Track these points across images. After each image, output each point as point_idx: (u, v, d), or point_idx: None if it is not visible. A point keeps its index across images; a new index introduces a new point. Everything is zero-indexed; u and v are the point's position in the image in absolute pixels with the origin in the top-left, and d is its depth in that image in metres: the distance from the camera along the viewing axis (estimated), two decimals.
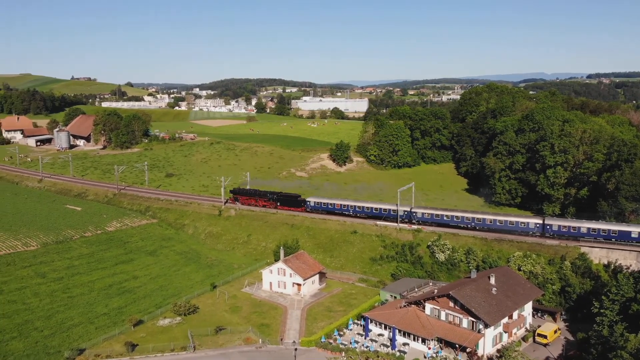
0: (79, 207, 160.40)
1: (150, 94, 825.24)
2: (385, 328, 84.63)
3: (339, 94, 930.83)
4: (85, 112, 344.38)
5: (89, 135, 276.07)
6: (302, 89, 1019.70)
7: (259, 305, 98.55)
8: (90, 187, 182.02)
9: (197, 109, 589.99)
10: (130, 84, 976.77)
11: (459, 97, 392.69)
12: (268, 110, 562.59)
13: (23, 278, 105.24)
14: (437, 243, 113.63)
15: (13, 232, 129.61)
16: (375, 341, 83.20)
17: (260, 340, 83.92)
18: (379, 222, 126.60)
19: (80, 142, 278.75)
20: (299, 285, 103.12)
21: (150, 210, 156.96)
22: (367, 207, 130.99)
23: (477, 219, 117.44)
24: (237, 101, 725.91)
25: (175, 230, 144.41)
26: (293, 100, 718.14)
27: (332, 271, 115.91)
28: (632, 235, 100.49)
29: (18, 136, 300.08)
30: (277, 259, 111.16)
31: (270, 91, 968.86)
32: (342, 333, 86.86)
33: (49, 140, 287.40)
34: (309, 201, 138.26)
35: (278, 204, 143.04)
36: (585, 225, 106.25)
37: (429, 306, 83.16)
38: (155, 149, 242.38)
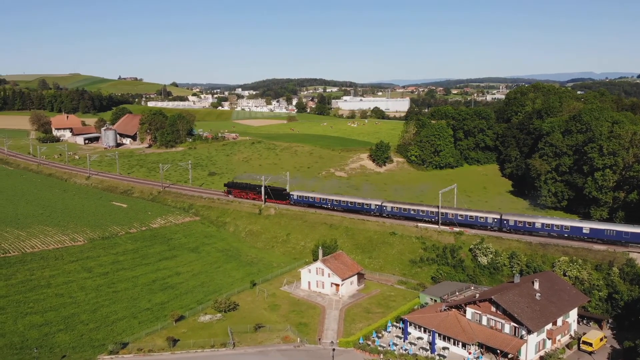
0: (124, 204, 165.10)
1: (194, 94, 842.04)
2: (424, 331, 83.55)
3: (379, 93, 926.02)
4: (132, 111, 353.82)
5: (135, 134, 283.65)
6: (343, 88, 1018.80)
7: (297, 304, 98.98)
8: (135, 184, 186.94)
9: (239, 108, 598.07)
10: (175, 84, 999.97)
11: (503, 96, 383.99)
12: (308, 110, 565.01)
13: (70, 272, 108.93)
14: (479, 246, 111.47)
15: (61, 228, 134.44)
16: (414, 344, 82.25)
17: (298, 339, 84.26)
18: (419, 224, 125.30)
19: (127, 141, 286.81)
20: (337, 285, 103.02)
21: (193, 208, 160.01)
22: (344, 201, 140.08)
23: (441, 213, 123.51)
24: (278, 101, 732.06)
25: (216, 228, 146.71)
26: (333, 100, 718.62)
27: (370, 272, 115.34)
28: (584, 231, 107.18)
29: (67, 134, 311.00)
30: (315, 259, 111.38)
31: (311, 91, 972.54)
32: (380, 335, 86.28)
33: (96, 139, 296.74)
34: (293, 194, 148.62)
35: (266, 197, 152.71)
36: (540, 220, 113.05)
37: (470, 310, 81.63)
38: (199, 148, 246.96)
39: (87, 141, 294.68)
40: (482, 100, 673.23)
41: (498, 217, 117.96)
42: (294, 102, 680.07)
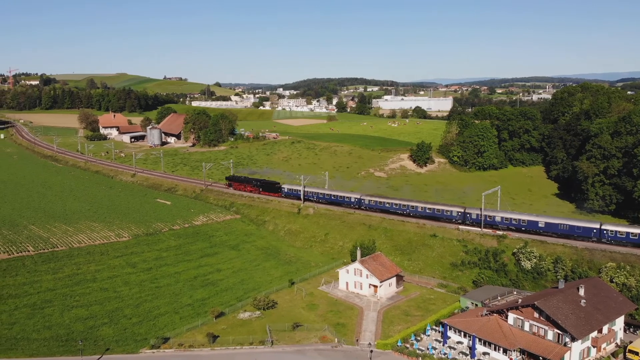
0: (168, 201, 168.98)
1: (236, 94, 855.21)
2: (464, 336, 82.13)
3: (421, 92, 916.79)
4: (176, 110, 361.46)
5: (180, 133, 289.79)
6: (384, 88, 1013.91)
7: (335, 305, 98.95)
8: (179, 182, 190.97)
9: (280, 108, 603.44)
10: (218, 84, 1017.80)
11: (550, 96, 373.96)
12: (348, 110, 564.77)
13: (115, 267, 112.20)
14: (523, 250, 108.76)
15: (107, 224, 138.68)
16: (454, 348, 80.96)
17: (336, 339, 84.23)
18: (461, 227, 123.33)
19: (171, 140, 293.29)
20: (375, 286, 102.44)
21: (234, 206, 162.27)
22: (327, 194, 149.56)
23: (411, 206, 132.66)
24: (318, 100, 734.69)
25: (256, 226, 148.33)
26: (374, 100, 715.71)
27: (409, 275, 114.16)
28: (539, 225, 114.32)
29: (114, 133, 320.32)
30: (353, 259, 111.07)
31: (352, 90, 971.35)
32: (419, 338, 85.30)
33: (142, 137, 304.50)
34: (284, 187, 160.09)
35: (261, 189, 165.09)
36: (499, 214, 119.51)
37: (512, 316, 79.78)
38: (240, 147, 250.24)
39: (133, 139, 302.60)
40: (528, 100, 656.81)
41: (462, 210, 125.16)
42: (334, 101, 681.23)
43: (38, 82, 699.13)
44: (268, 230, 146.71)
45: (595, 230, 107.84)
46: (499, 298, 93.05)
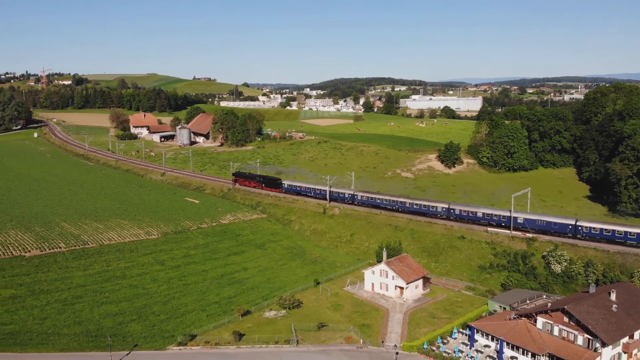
0: (197, 200, 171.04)
1: (264, 94, 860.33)
2: (492, 339, 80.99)
3: (450, 92, 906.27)
4: (205, 110, 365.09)
5: (208, 132, 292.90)
6: (412, 87, 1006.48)
7: (360, 305, 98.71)
8: (207, 181, 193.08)
9: (306, 108, 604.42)
10: (246, 84, 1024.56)
11: (582, 96, 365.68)
12: (375, 110, 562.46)
13: (144, 265, 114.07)
14: (553, 253, 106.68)
15: (137, 222, 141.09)
16: (481, 352, 79.92)
17: (361, 340, 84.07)
18: (489, 229, 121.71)
19: (200, 139, 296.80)
20: (401, 288, 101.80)
21: (261, 205, 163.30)
22: (317, 189, 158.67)
23: (400, 202, 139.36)
24: (345, 100, 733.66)
25: (282, 226, 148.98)
26: (401, 99, 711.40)
27: (436, 277, 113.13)
28: (518, 221, 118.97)
29: (144, 132, 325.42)
30: (379, 260, 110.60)
31: (379, 90, 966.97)
32: (445, 341, 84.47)
33: (171, 137, 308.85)
34: (284, 184, 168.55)
35: (263, 185, 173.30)
36: (481, 210, 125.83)
37: (541, 320, 78.34)
38: (267, 147, 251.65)
39: (162, 139, 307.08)
40: (560, 100, 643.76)
41: (446, 206, 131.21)
42: (361, 101, 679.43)
43: (70, 82, 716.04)
44: (294, 229, 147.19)
45: (570, 227, 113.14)
46: (527, 302, 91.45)
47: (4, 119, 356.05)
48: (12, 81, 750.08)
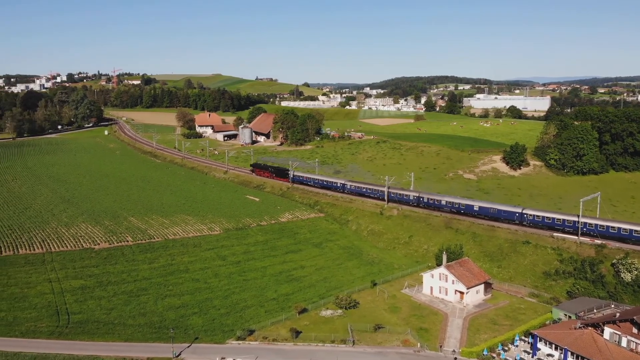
0: (257, 197, 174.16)
1: (324, 94, 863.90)
2: (555, 348, 77.70)
3: (517, 91, 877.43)
4: (266, 110, 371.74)
5: (269, 132, 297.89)
6: (476, 86, 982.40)
7: (418, 309, 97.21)
8: (267, 180, 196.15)
9: (366, 107, 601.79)
10: (306, 84, 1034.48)
11: None
12: (437, 109, 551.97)
13: (206, 259, 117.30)
14: (623, 261, 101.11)
15: (200, 217, 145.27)
16: None
17: (418, 344, 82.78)
18: (555, 234, 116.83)
19: (261, 139, 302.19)
20: (461, 293, 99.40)
21: (319, 204, 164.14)
22: (326, 181, 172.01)
23: (381, 190, 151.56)
24: (405, 100, 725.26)
25: (339, 226, 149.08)
26: (465, 98, 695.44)
27: (499, 282, 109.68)
28: (474, 209, 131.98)
29: (209, 131, 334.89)
30: (439, 264, 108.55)
31: (442, 89, 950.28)
32: (506, 348, 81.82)
33: (234, 136, 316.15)
34: (290, 173, 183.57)
35: (274, 175, 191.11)
36: (445, 199, 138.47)
37: (608, 330, 74.44)
38: (326, 146, 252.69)
39: (226, 138, 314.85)
40: (633, 100, 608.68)
41: (417, 194, 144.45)
42: (423, 100, 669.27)
43: (139, 81, 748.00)
44: (351, 229, 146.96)
45: (517, 214, 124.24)
46: (594, 311, 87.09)
47: (77, 117, 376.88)
48: (84, 81, 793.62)
